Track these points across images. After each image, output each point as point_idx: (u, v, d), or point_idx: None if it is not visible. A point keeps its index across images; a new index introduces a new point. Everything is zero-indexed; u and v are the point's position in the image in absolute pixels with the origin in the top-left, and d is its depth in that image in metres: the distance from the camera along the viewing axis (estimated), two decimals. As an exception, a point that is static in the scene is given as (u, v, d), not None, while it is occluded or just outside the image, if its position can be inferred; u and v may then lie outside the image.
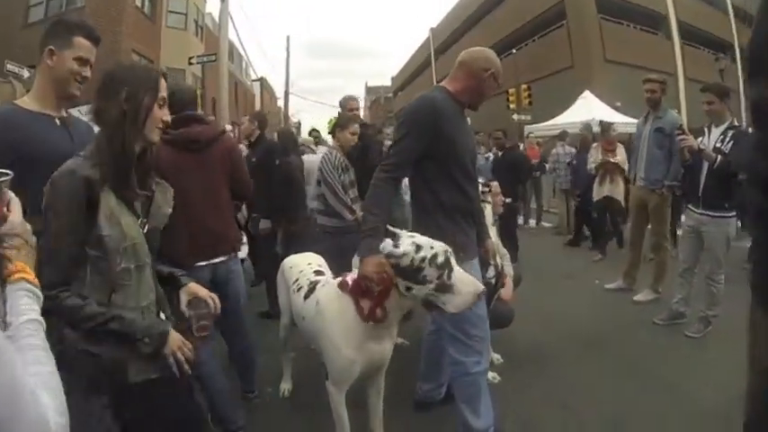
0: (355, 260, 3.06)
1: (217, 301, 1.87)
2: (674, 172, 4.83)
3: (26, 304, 0.96)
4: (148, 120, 1.63)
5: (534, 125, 16.61)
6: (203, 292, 1.86)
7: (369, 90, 79.15)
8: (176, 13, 22.96)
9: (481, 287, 2.08)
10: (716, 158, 3.92)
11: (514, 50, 27.12)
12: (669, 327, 4.51)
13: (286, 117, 36.13)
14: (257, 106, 44.56)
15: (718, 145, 4.04)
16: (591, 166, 7.21)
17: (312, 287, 2.75)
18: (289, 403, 3.40)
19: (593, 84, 20.50)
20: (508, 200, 5.61)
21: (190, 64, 18.07)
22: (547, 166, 10.66)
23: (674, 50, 26.57)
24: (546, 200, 11.60)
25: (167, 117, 1.71)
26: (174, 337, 1.66)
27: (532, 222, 11.05)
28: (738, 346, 3.88)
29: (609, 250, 7.42)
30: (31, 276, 1.02)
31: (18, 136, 1.94)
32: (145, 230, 1.70)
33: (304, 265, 3.06)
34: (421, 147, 2.38)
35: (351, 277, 2.38)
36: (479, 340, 2.56)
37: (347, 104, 5.42)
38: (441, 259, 2.03)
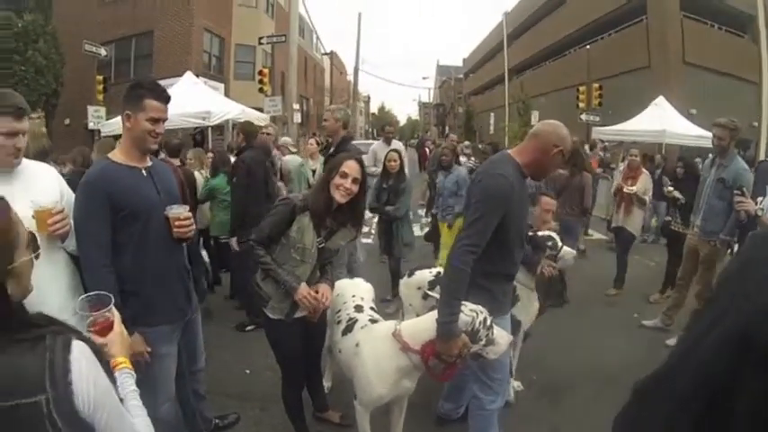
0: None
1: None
2: (729, 227, 4.62)
3: (129, 382, 1.45)
4: (331, 187, 2.74)
5: (602, 128, 16.14)
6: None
7: (440, 69, 78.06)
8: (247, -10, 23.47)
9: (511, 338, 2.56)
10: None
11: (588, 45, 26.30)
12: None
13: (355, 94, 36.57)
14: (327, 81, 45.22)
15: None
16: (612, 190, 6.91)
17: (351, 325, 3.03)
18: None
19: (669, 87, 19.60)
20: None
21: (260, 44, 18.50)
22: (614, 172, 10.25)
23: (761, 56, 24.82)
24: (606, 207, 10.95)
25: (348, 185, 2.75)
26: (302, 289, 2.75)
27: (594, 233, 10.64)
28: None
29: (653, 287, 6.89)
30: (128, 363, 1.51)
31: (114, 188, 2.32)
32: (320, 246, 2.81)
33: (348, 296, 3.32)
34: (495, 224, 2.47)
35: (409, 336, 2.66)
36: (499, 383, 2.86)
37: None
38: (488, 322, 2.52)
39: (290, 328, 2.90)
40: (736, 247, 4.67)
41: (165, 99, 2.44)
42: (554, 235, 3.98)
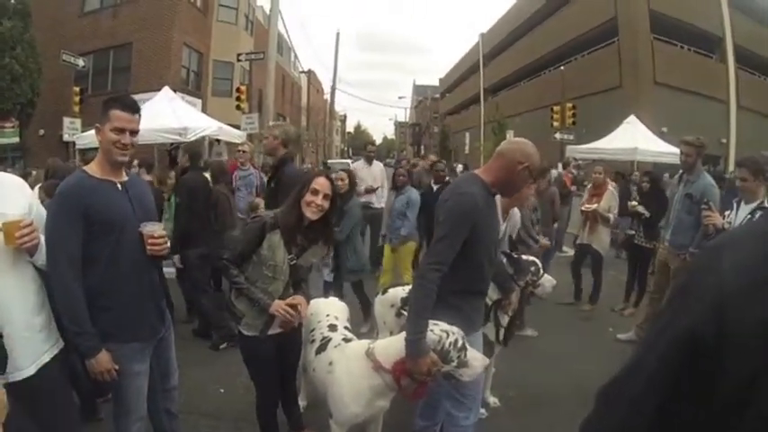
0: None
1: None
2: (698, 241, 4.73)
3: None
4: (302, 204, 2.75)
5: (576, 146, 16.41)
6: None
7: (416, 89, 79.33)
8: (227, 7, 23.72)
9: (487, 361, 2.54)
10: None
11: (562, 66, 26.89)
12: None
13: (332, 113, 36.66)
14: (303, 99, 45.30)
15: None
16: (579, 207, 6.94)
17: (324, 344, 3.01)
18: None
19: (641, 106, 20.15)
20: None
21: (238, 60, 18.53)
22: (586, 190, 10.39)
23: (728, 76, 25.65)
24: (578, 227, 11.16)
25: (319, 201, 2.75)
26: (276, 303, 2.76)
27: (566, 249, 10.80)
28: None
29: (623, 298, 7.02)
30: None
31: (89, 201, 2.29)
32: (291, 263, 2.82)
33: (322, 315, 3.30)
34: (461, 242, 2.49)
35: (382, 356, 2.64)
36: (472, 399, 2.85)
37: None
38: (460, 343, 2.50)
39: (265, 344, 2.89)
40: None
41: (132, 109, 2.40)
42: (538, 261, 4.06)
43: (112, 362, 2.34)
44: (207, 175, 5.60)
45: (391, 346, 2.67)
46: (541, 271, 4.00)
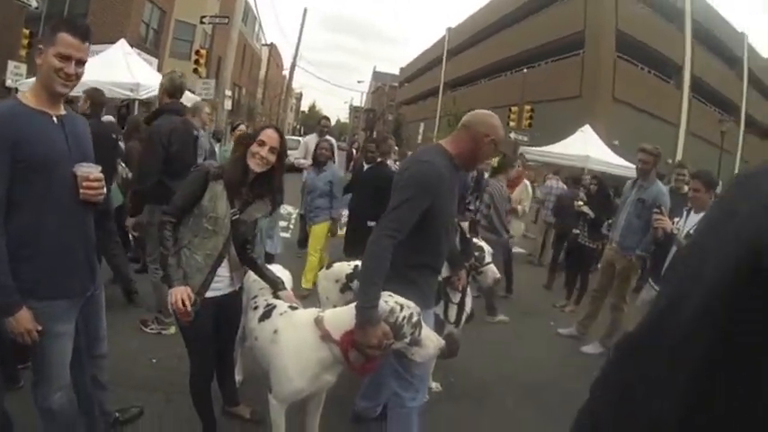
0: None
1: None
2: (646, 244, 4.89)
3: None
4: (248, 155, 2.63)
5: (529, 147, 16.72)
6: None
7: (376, 75, 79.26)
8: (196, -35, 22.73)
9: (442, 342, 2.37)
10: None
11: (525, 69, 27.29)
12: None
13: (289, 90, 35.97)
14: (262, 72, 44.34)
15: (692, 232, 4.09)
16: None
17: (269, 311, 2.81)
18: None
19: (597, 118, 20.70)
20: (371, 223, 5.22)
21: (201, 23, 17.84)
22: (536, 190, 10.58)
23: (682, 102, 26.95)
24: (525, 225, 11.50)
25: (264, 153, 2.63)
26: (177, 291, 2.49)
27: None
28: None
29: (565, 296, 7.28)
30: None
31: (19, 134, 1.99)
32: (233, 217, 2.65)
33: None
34: (421, 212, 2.40)
35: (331, 325, 2.47)
36: (419, 379, 2.75)
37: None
38: (415, 319, 2.35)
39: (203, 307, 2.65)
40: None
41: (83, 35, 2.10)
42: (486, 249, 4.01)
43: (35, 321, 2.06)
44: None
45: (342, 315, 2.51)
46: (487, 258, 3.97)
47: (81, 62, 2.12)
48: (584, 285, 6.94)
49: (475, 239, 4.05)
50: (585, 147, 14.39)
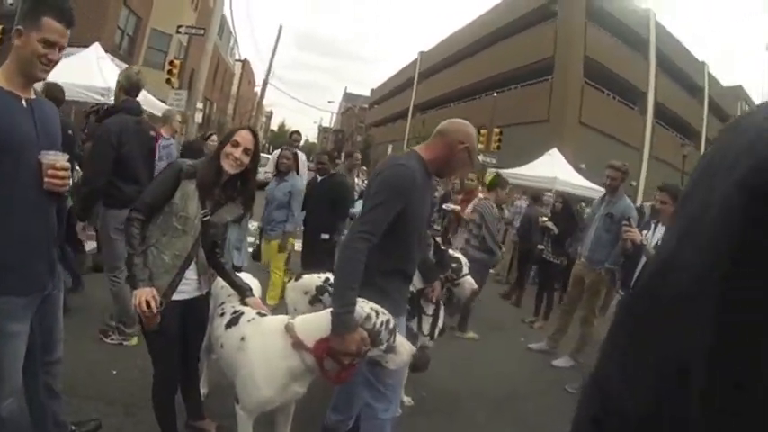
0: None
1: None
2: (614, 256, 4.99)
3: None
4: (221, 156, 2.56)
5: (497, 170, 16.85)
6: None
7: (347, 96, 79.63)
8: (174, -25, 22.41)
9: (414, 349, 2.33)
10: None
11: (495, 93, 27.77)
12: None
13: (260, 106, 35.81)
14: (234, 87, 44.10)
15: (659, 243, 4.21)
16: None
17: (236, 317, 2.72)
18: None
19: (564, 141, 21.14)
20: (325, 236, 5.49)
21: (177, 32, 17.66)
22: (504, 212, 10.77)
23: (646, 127, 27.86)
24: None
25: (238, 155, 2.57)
26: (142, 293, 2.38)
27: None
28: None
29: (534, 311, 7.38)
30: None
31: None
32: (204, 218, 2.56)
33: None
34: (394, 215, 2.36)
35: (303, 332, 2.38)
36: (392, 389, 2.68)
37: None
38: (391, 325, 2.31)
39: (169, 310, 2.52)
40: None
41: (68, 22, 2.04)
42: (463, 260, 4.00)
43: None
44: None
45: (314, 321, 2.43)
46: (464, 270, 3.95)
47: (63, 48, 2.05)
48: (550, 300, 7.09)
49: (451, 251, 4.03)
50: (553, 169, 14.65)
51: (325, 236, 5.54)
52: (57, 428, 2.62)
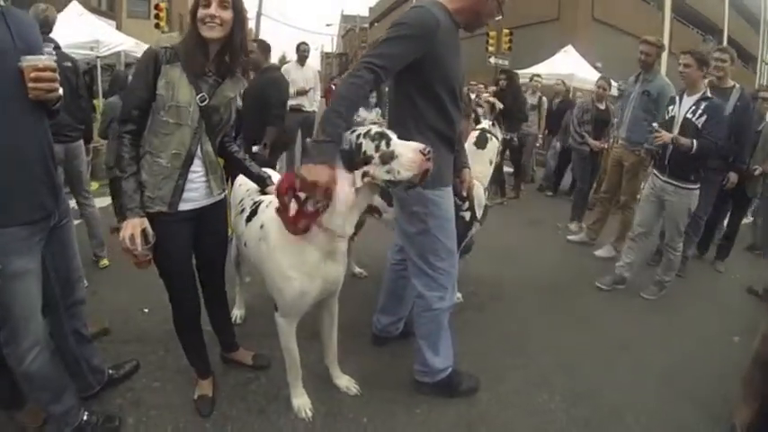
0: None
1: None
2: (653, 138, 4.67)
3: None
4: (198, 25, 2.06)
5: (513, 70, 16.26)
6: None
7: (345, 18, 77.08)
8: None
9: (419, 145, 1.93)
10: (692, 145, 3.88)
11: (500, -6, 26.54)
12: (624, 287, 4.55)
13: (256, 40, 34.66)
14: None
15: (689, 116, 3.99)
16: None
17: (255, 208, 2.46)
18: (238, 331, 3.08)
19: (577, 39, 20.15)
20: (256, 147, 4.69)
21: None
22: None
23: (664, 23, 26.41)
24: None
25: (213, 11, 2.03)
26: (130, 224, 2.05)
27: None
28: (686, 312, 3.93)
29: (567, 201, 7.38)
30: None
31: None
32: (202, 104, 2.12)
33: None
34: (413, 56, 2.09)
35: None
36: (445, 274, 2.47)
37: None
38: (374, 131, 1.99)
39: (177, 224, 2.21)
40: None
41: None
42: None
43: None
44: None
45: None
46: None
47: None
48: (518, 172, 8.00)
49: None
50: (568, 66, 14.14)
51: (256, 148, 4.70)
52: (93, 375, 2.49)
